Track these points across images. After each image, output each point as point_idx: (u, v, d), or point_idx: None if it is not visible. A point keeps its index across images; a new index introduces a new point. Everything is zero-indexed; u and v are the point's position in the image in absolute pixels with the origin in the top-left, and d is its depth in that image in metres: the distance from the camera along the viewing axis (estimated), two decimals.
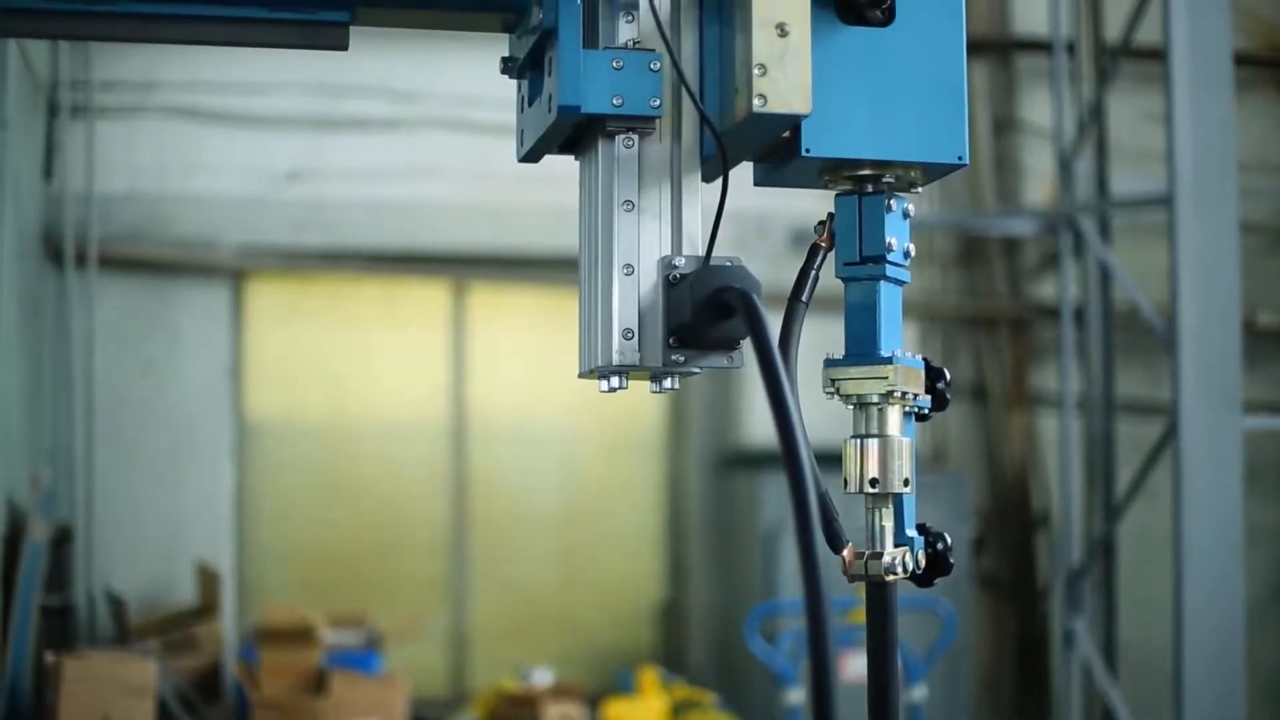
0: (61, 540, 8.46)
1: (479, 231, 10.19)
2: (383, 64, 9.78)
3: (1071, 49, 10.12)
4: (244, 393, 10.34)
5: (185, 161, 9.96)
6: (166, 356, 9.90)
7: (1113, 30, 9.83)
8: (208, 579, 9.18)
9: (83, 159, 9.68)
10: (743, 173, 2.58)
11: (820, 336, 2.92)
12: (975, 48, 10.46)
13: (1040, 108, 10.73)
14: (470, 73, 9.24)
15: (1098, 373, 9.81)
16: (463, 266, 10.51)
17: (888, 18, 2.49)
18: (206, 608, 9.07)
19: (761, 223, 9.96)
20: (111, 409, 9.64)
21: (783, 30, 2.34)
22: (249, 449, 10.36)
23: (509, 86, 2.79)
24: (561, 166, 2.76)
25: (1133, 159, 10.17)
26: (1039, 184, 10.97)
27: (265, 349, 10.45)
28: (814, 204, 2.64)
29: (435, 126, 10.04)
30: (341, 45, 2.56)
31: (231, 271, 10.10)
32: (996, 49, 11.11)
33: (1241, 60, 8.75)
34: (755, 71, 2.33)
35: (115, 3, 2.51)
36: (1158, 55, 7.95)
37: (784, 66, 2.33)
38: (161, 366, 9.88)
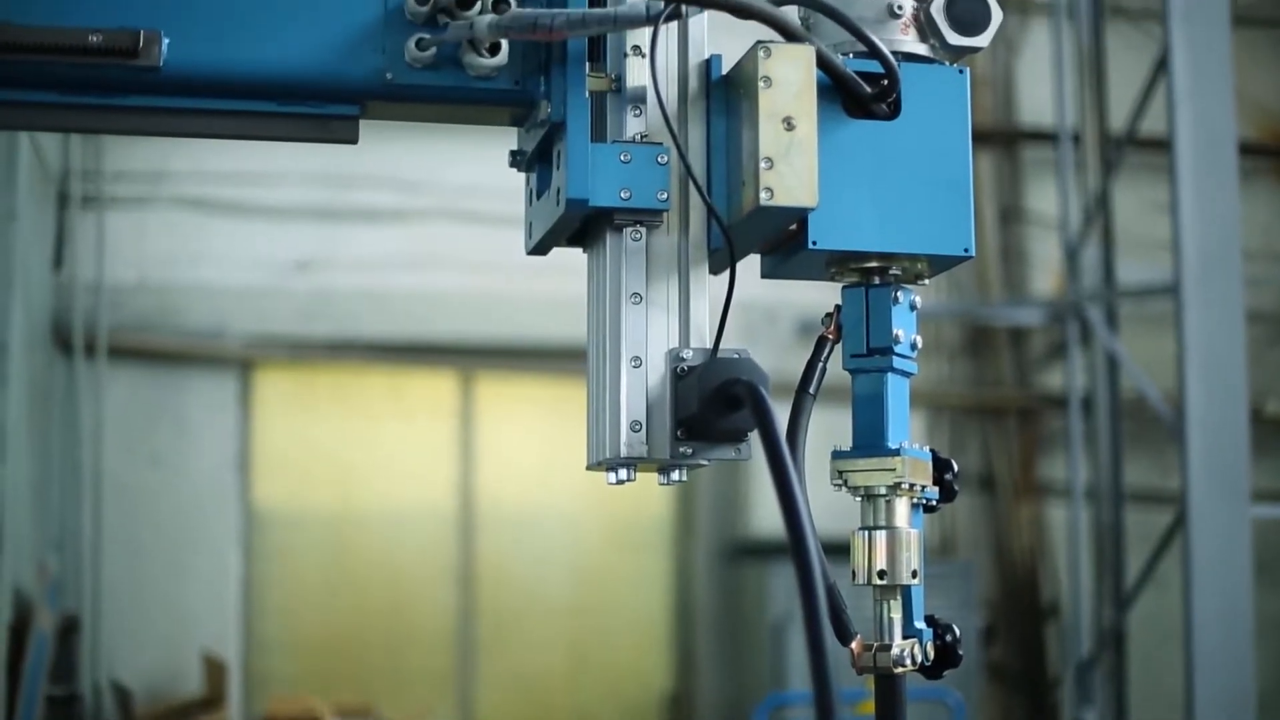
0: (68, 630, 8.44)
1: (487, 321, 10.22)
2: (391, 155, 9.84)
3: (1077, 139, 10.17)
4: (251, 482, 10.34)
5: (194, 251, 10.00)
6: (174, 446, 9.91)
7: (1117, 120, 9.88)
8: (214, 669, 9.15)
9: (92, 249, 9.73)
10: (750, 263, 2.59)
11: (827, 427, 2.92)
12: (981, 138, 10.51)
13: (1046, 198, 10.78)
14: (478, 163, 9.27)
15: (1106, 462, 9.80)
16: (470, 356, 10.53)
17: (894, 111, 2.51)
18: (213, 698, 9.04)
19: (769, 312, 9.98)
20: (119, 498, 9.64)
21: (789, 124, 2.36)
22: (256, 539, 10.35)
23: (516, 177, 2.81)
24: (569, 257, 2.78)
25: (1139, 248, 10.21)
26: (1045, 273, 11.00)
27: (273, 438, 10.45)
28: (821, 293, 2.65)
29: (443, 217, 10.08)
30: (352, 139, 2.58)
31: (239, 361, 10.12)
32: (1002, 139, 11.18)
33: (1246, 149, 8.80)
34: (762, 165, 2.34)
35: (126, 96, 2.53)
36: (1162, 145, 8.00)
37: (791, 160, 2.35)
38: (169, 456, 9.89)
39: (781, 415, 2.30)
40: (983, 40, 2.59)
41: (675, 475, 2.51)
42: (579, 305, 2.67)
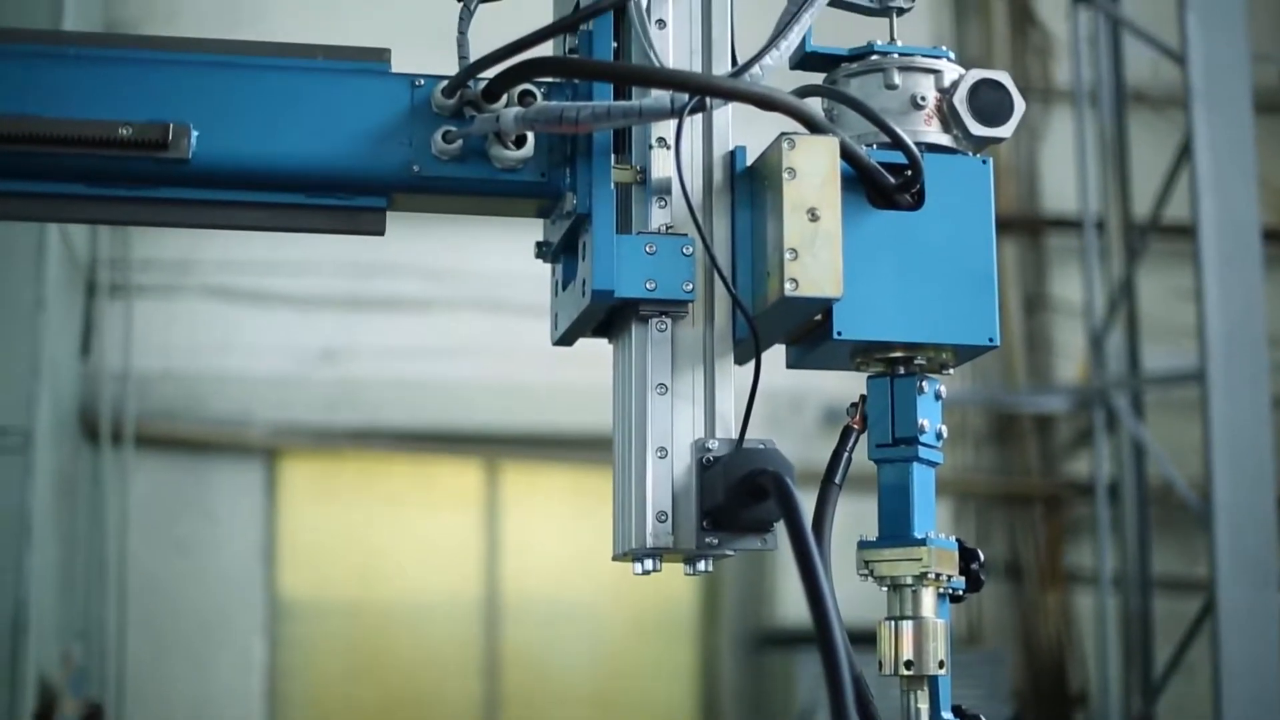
0: (92, 719, 8.42)
1: (512, 411, 10.22)
2: (417, 244, 9.87)
3: (1101, 226, 10.18)
4: (276, 571, 10.33)
5: (221, 340, 10.04)
6: (199, 534, 9.92)
7: (1141, 207, 9.90)
8: None
9: (120, 337, 9.77)
10: (776, 353, 2.60)
11: (854, 516, 2.91)
12: (1005, 226, 10.53)
13: (1071, 285, 10.78)
14: (503, 253, 9.31)
15: (1133, 549, 9.75)
16: (495, 446, 10.53)
17: (918, 201, 2.52)
18: None
19: (794, 401, 9.98)
20: (144, 586, 9.64)
21: (814, 215, 2.38)
22: (281, 628, 10.33)
23: (542, 266, 2.82)
24: (594, 346, 2.79)
25: (1164, 335, 10.20)
26: (1071, 361, 10.99)
27: (298, 527, 10.45)
28: (846, 381, 2.66)
29: (468, 306, 10.12)
30: (378, 230, 2.60)
31: (264, 450, 10.14)
32: (1026, 227, 11.19)
33: (1269, 235, 8.80)
34: (787, 256, 2.36)
35: (156, 188, 2.55)
36: (1186, 231, 8.01)
37: (815, 251, 2.36)
38: (194, 544, 9.89)
39: (807, 505, 2.30)
40: (1006, 131, 2.61)
41: (701, 566, 2.51)
42: (605, 395, 2.67)
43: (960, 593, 2.57)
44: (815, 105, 2.58)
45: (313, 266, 10.01)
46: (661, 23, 2.62)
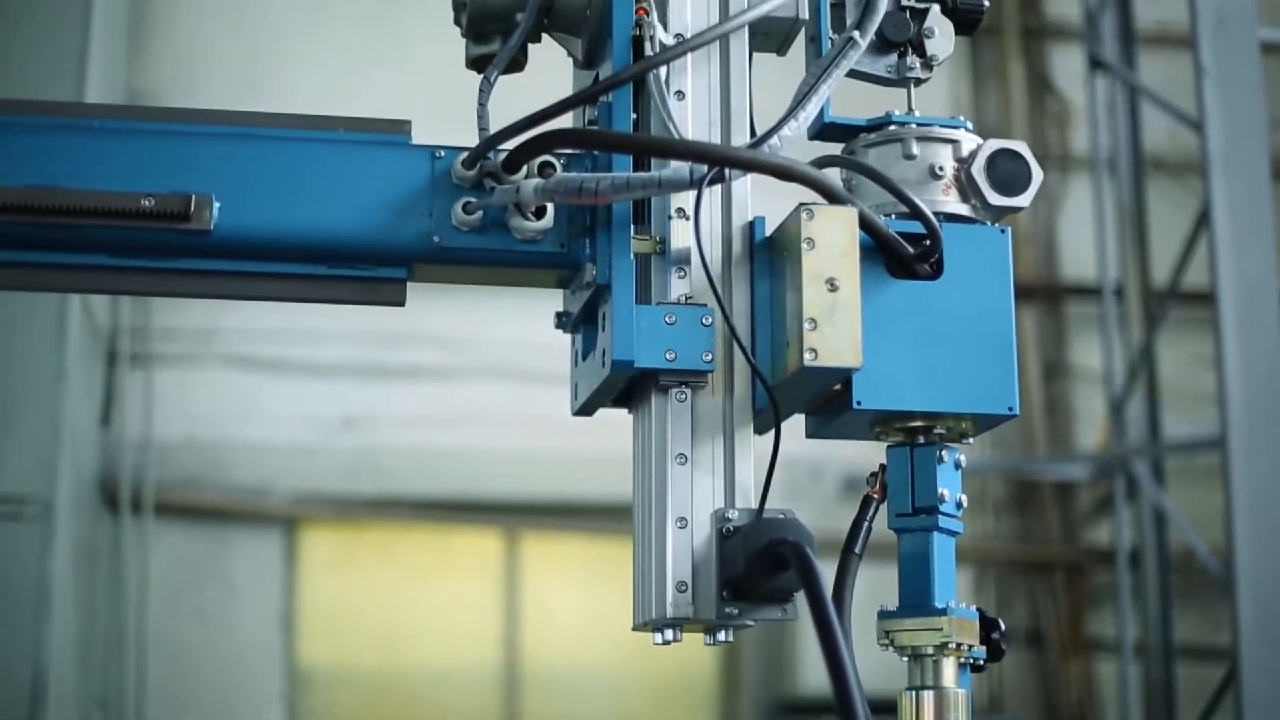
0: None
1: (531, 480, 10.21)
2: (437, 313, 9.87)
3: (1120, 293, 10.18)
4: (296, 640, 10.30)
5: (241, 409, 10.05)
6: (219, 603, 9.90)
7: (1160, 274, 9.89)
8: None
9: (140, 406, 9.79)
10: (795, 421, 2.60)
11: (874, 584, 2.91)
12: (1024, 294, 10.53)
13: (1090, 352, 10.77)
14: (523, 322, 9.31)
15: (1155, 617, 9.70)
16: (515, 515, 10.52)
17: (936, 271, 2.53)
18: None
19: (814, 469, 9.96)
20: (163, 655, 9.62)
21: (833, 285, 2.39)
22: (300, 697, 10.30)
23: (561, 335, 2.83)
24: (614, 415, 2.79)
25: (1184, 402, 10.17)
26: (1091, 428, 10.96)
27: (317, 596, 10.43)
28: (866, 450, 2.66)
29: (488, 375, 10.12)
30: (399, 301, 2.61)
31: (284, 519, 10.13)
32: (1045, 294, 11.19)
33: None
34: (806, 326, 2.37)
35: (177, 259, 2.56)
36: (1206, 298, 7.99)
37: (834, 321, 2.37)
38: (214, 613, 9.88)
39: (827, 575, 2.30)
40: (1024, 200, 2.62)
41: (721, 635, 2.51)
42: (625, 464, 2.68)
43: (981, 662, 2.56)
44: (834, 175, 2.59)
45: (333, 336, 10.03)
46: (680, 94, 2.64)
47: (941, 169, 2.62)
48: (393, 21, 10.35)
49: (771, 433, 2.46)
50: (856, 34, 2.60)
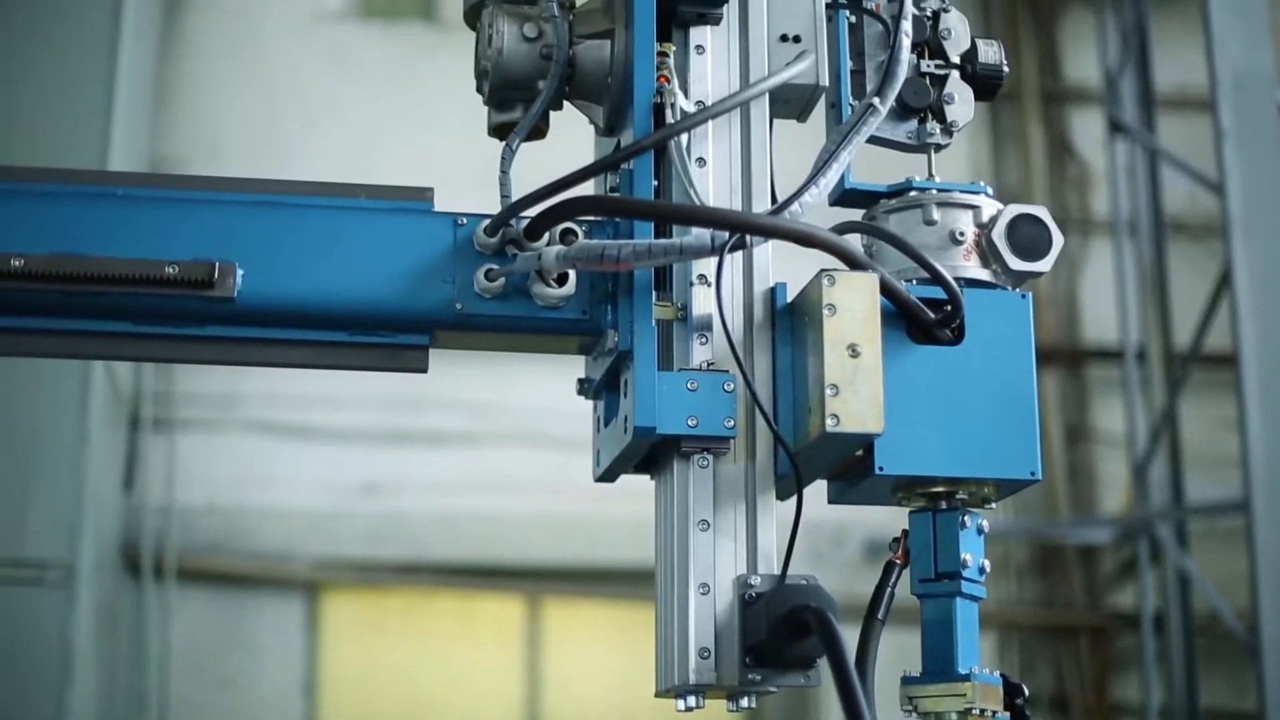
0: None
1: (554, 545, 10.20)
2: (459, 378, 9.90)
3: (1142, 356, 10.17)
4: (318, 706, 10.28)
5: (263, 474, 10.06)
6: (241, 668, 9.89)
7: (1182, 337, 9.89)
8: None
9: (163, 471, 9.81)
10: (817, 486, 2.60)
11: (897, 650, 2.90)
12: (1046, 357, 10.51)
13: (1113, 415, 10.75)
14: (545, 387, 9.33)
15: (1180, 682, 9.65)
16: (538, 580, 10.50)
17: (957, 336, 2.53)
18: None
19: (836, 534, 9.94)
20: None
21: (854, 351, 2.39)
22: None
23: (583, 400, 2.83)
24: (637, 480, 2.79)
25: (1207, 465, 10.14)
26: (1114, 491, 10.93)
27: (340, 661, 10.41)
28: (888, 514, 2.66)
29: (510, 440, 10.12)
30: (422, 368, 2.62)
31: (307, 584, 10.12)
32: (1067, 358, 11.18)
33: None
34: (828, 392, 2.37)
35: (201, 326, 2.57)
36: (1228, 361, 7.98)
37: (856, 387, 2.37)
38: (236, 678, 9.86)
39: (850, 641, 2.29)
40: (1044, 265, 2.62)
41: (744, 702, 2.50)
42: (647, 528, 2.68)
43: None
44: (855, 241, 2.60)
45: (355, 401, 10.05)
46: (701, 161, 2.65)
47: (962, 234, 2.62)
48: (415, 88, 10.41)
49: (794, 498, 2.46)
50: (877, 100, 2.61)
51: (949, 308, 2.52)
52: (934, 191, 2.66)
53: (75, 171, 2.61)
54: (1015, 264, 2.61)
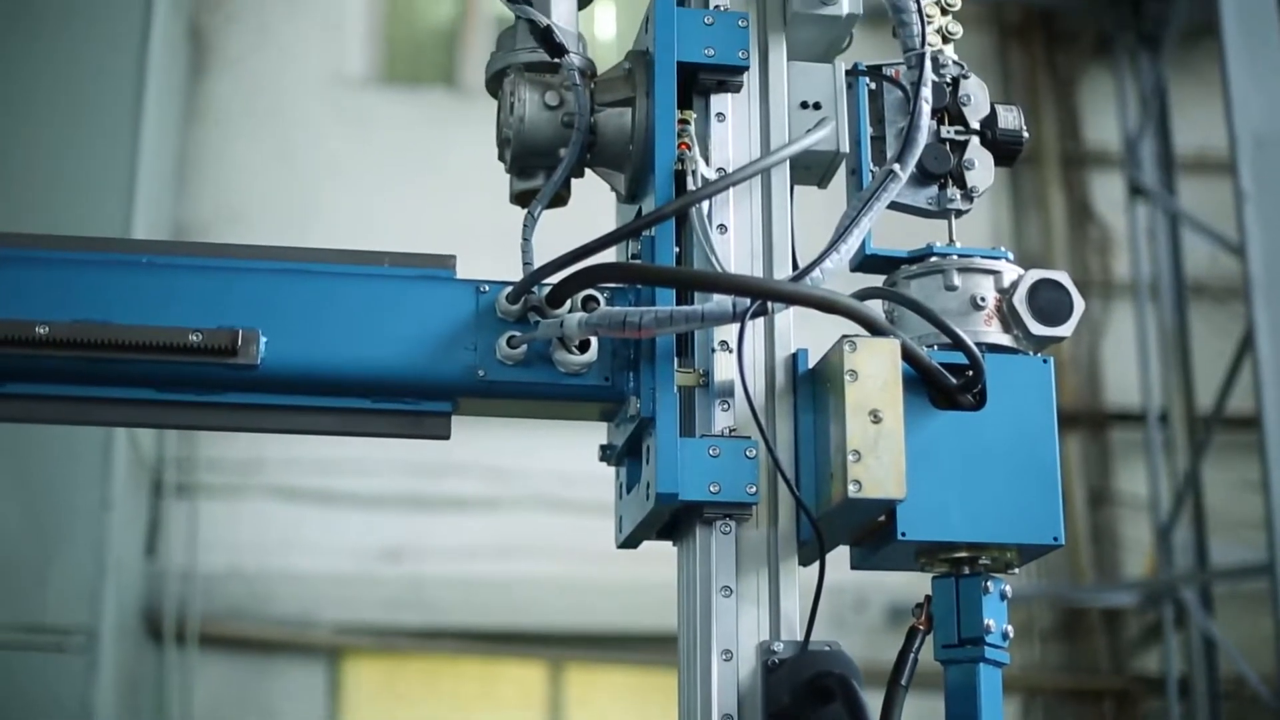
0: None
1: (576, 610, 10.17)
2: (479, 444, 9.88)
3: (1165, 419, 10.15)
4: None
5: (284, 539, 10.06)
6: None
7: (1205, 399, 9.86)
8: None
9: (185, 537, 9.81)
10: (840, 552, 2.60)
11: (920, 717, 2.89)
12: (1068, 421, 10.49)
13: (1136, 479, 10.72)
14: (567, 452, 9.33)
15: None
16: (560, 645, 10.47)
17: (979, 402, 2.54)
18: None
19: (859, 599, 9.91)
20: None
21: (876, 417, 2.39)
22: None
23: (605, 466, 2.84)
24: (659, 546, 2.79)
25: (1231, 528, 10.10)
26: (1138, 555, 10.89)
27: None
28: (911, 579, 2.65)
29: (532, 505, 10.11)
30: (444, 435, 2.62)
31: (328, 649, 10.11)
32: (1090, 421, 11.15)
33: None
34: (850, 458, 2.37)
35: (223, 393, 2.58)
36: (1251, 423, 7.97)
37: (878, 452, 2.37)
38: None
39: (874, 707, 2.29)
40: (1066, 330, 2.63)
41: None
42: (669, 594, 2.67)
43: None
44: (876, 307, 2.60)
45: (377, 466, 10.05)
46: (723, 227, 2.66)
47: (983, 300, 2.63)
48: (437, 153, 10.45)
49: (816, 564, 2.46)
50: (897, 167, 2.62)
51: (970, 373, 2.52)
52: (955, 257, 2.67)
53: (99, 239, 2.63)
54: (1036, 329, 2.62)
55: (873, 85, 2.82)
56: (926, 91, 2.66)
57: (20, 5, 8.14)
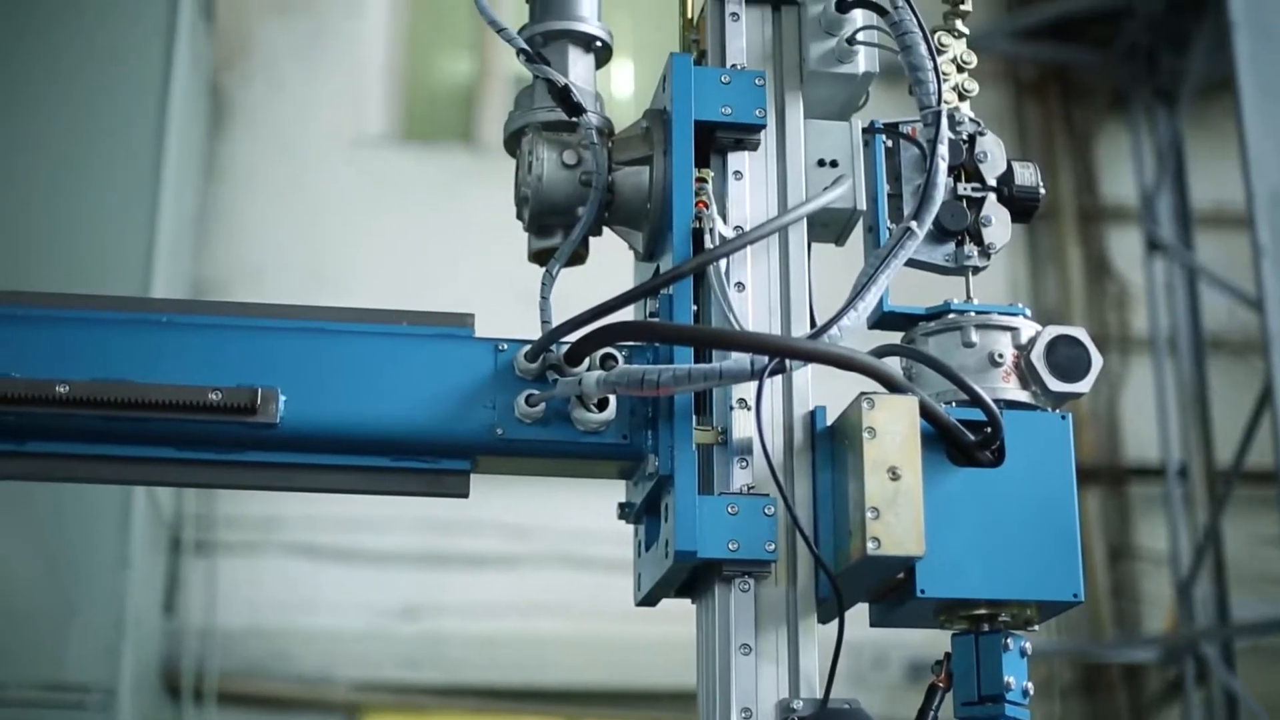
0: None
1: (595, 668, 10.14)
2: (499, 501, 9.87)
3: (1184, 474, 10.12)
4: None
5: (303, 597, 10.05)
6: None
7: (1224, 454, 9.84)
8: None
9: (203, 594, 9.81)
10: (859, 609, 2.59)
11: None
12: (1087, 476, 10.47)
13: (1156, 534, 10.68)
14: (586, 509, 9.31)
15: None
16: (579, 703, 10.43)
17: (998, 458, 2.54)
18: None
19: (878, 656, 9.87)
20: None
21: (894, 474, 2.39)
22: None
23: (624, 523, 2.84)
24: (678, 603, 2.79)
25: (1252, 582, 10.06)
26: (1158, 610, 10.84)
27: None
28: (930, 635, 2.65)
29: (551, 563, 10.10)
30: (463, 493, 2.63)
31: (347, 706, 10.08)
32: (1109, 476, 11.13)
33: None
34: (868, 515, 2.37)
35: (243, 452, 2.59)
36: (1271, 478, 7.94)
37: (897, 510, 2.37)
38: None
39: None
40: (1084, 386, 2.63)
41: None
42: (688, 651, 2.67)
43: None
44: (894, 364, 2.61)
45: (395, 523, 10.04)
46: (740, 285, 2.67)
47: (1001, 356, 2.63)
48: (455, 211, 10.48)
49: (835, 621, 2.46)
50: (914, 224, 2.62)
51: (989, 430, 2.52)
52: (972, 314, 2.68)
53: (119, 298, 2.64)
54: (1054, 385, 2.62)
55: (889, 143, 2.83)
56: (943, 149, 2.67)
57: (40, 63, 8.19)
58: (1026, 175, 2.84)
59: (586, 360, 2.57)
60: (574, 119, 2.76)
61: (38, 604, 7.99)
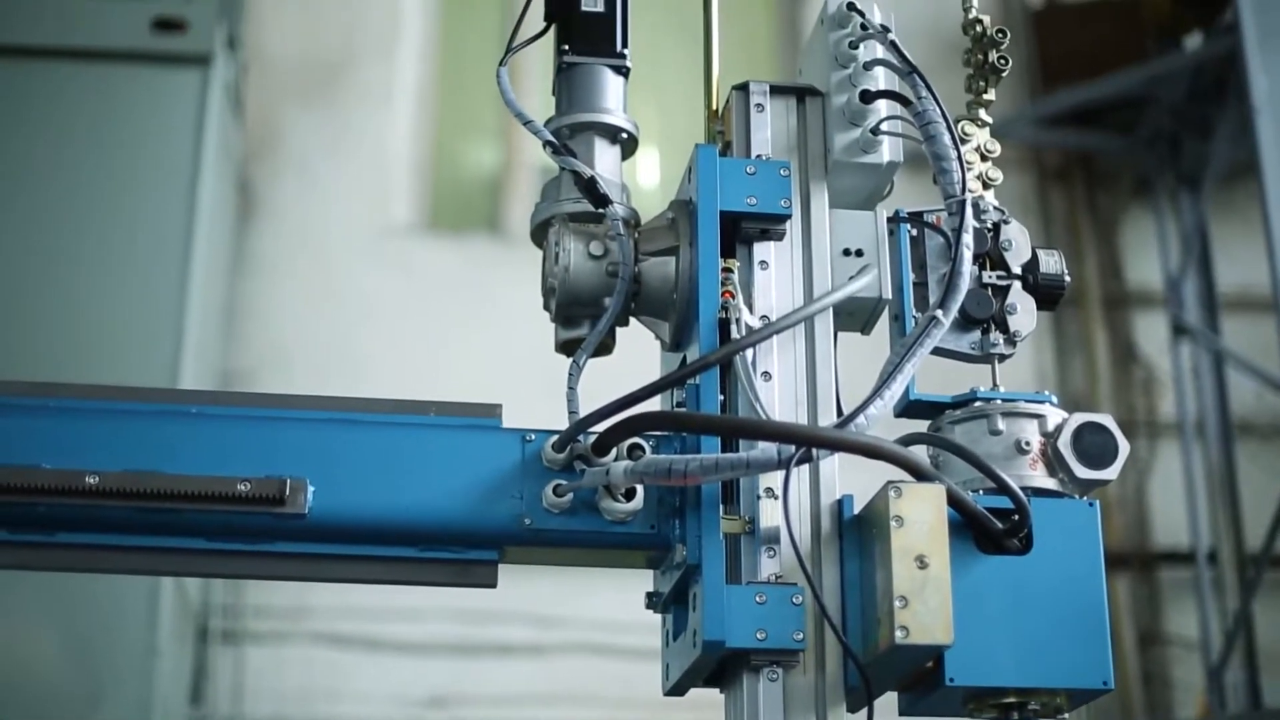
0: None
1: None
2: (526, 590, 9.85)
3: (1214, 558, 10.07)
4: None
5: (331, 687, 10.03)
6: None
7: (1254, 538, 9.79)
8: None
9: (231, 684, 9.79)
10: (888, 698, 2.59)
11: None
12: (1116, 561, 10.42)
13: (1186, 619, 10.62)
14: (614, 598, 9.31)
15: None
16: None
17: (1026, 546, 2.54)
18: None
19: None
20: None
21: (922, 562, 2.39)
22: None
23: (652, 613, 2.83)
24: (706, 693, 2.78)
25: None
26: (1190, 697, 10.77)
27: None
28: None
29: (579, 652, 10.07)
30: (491, 583, 2.63)
31: None
32: (1138, 562, 11.08)
33: None
34: (896, 603, 2.37)
35: (271, 543, 2.60)
36: None
37: (925, 598, 2.37)
38: None
39: None
40: (1111, 473, 2.63)
41: None
42: None
43: None
44: (921, 453, 2.61)
45: (423, 613, 10.03)
46: (767, 374, 2.67)
47: (1028, 444, 2.64)
48: (482, 300, 10.52)
49: (864, 710, 2.45)
50: (940, 313, 2.63)
51: (1016, 517, 2.52)
52: (999, 401, 2.68)
53: (148, 390, 2.66)
54: (1082, 473, 2.62)
55: (914, 231, 2.84)
56: (968, 238, 2.68)
57: (68, 153, 8.25)
58: (1051, 263, 2.86)
59: (614, 450, 2.58)
60: (600, 210, 2.77)
61: (65, 691, 7.98)
